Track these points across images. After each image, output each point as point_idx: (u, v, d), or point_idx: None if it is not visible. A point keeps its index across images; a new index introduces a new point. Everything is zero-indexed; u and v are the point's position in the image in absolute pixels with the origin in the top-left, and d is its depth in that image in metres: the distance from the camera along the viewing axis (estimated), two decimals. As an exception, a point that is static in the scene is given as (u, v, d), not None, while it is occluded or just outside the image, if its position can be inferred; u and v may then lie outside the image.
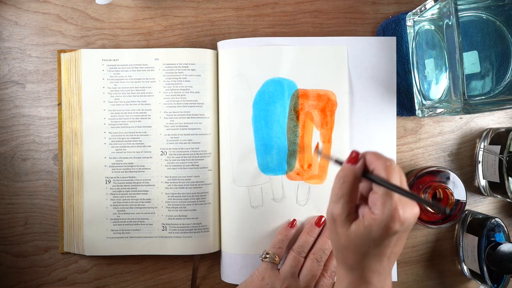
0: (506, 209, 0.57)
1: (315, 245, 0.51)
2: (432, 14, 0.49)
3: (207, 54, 0.54)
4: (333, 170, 0.54)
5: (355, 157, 0.38)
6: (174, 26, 0.56)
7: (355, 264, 0.38)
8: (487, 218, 0.53)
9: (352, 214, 0.37)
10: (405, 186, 0.37)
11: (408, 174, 0.55)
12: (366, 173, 0.38)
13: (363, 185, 0.39)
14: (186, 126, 0.54)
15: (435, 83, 0.51)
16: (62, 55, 0.55)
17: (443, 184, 0.51)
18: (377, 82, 0.54)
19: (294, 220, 0.53)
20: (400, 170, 0.37)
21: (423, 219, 0.52)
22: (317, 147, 0.54)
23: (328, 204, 0.39)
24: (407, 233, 0.37)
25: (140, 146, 0.55)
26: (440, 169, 0.53)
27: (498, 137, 0.54)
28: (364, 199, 0.39)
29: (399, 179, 0.36)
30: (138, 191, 0.55)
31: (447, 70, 0.46)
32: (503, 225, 0.53)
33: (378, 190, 0.36)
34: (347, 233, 0.37)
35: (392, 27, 0.55)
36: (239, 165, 0.54)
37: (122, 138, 0.55)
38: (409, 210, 0.35)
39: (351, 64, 0.54)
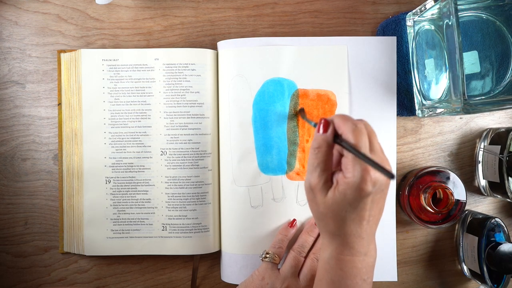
0: (506, 209, 0.57)
1: (315, 245, 0.51)
2: (432, 14, 0.49)
3: (207, 54, 0.54)
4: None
5: (324, 124, 0.39)
6: (174, 26, 0.56)
7: (336, 230, 0.38)
8: (487, 218, 0.53)
9: (328, 181, 0.38)
10: (376, 146, 0.38)
11: (408, 174, 0.55)
12: (336, 138, 0.38)
13: (336, 151, 0.40)
14: (186, 126, 0.54)
15: (435, 83, 0.51)
16: (62, 55, 0.55)
17: (443, 184, 0.51)
18: (377, 82, 0.54)
19: (294, 220, 0.53)
20: (371, 131, 0.38)
21: (423, 219, 0.52)
22: (300, 110, 0.53)
23: (306, 175, 0.40)
24: (382, 194, 0.38)
25: (140, 146, 0.54)
26: (440, 169, 0.53)
27: (498, 137, 0.54)
28: (338, 164, 0.39)
29: (366, 141, 0.37)
30: (138, 191, 0.55)
31: (447, 70, 0.46)
32: (503, 225, 0.53)
33: (348, 154, 0.37)
34: (324, 200, 0.38)
35: (392, 27, 0.55)
36: (239, 165, 0.54)
37: (122, 138, 0.55)
38: None
39: (351, 64, 0.54)
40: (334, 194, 0.37)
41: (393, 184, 0.55)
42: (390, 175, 0.31)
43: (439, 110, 0.49)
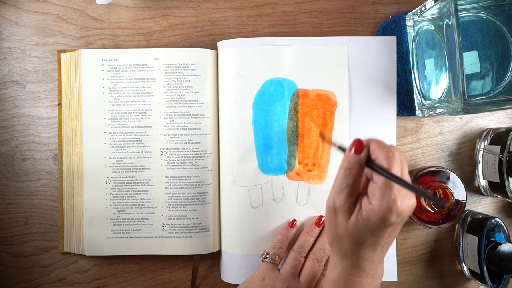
0: (506, 209, 0.57)
1: (315, 245, 0.51)
2: (432, 14, 0.49)
3: (207, 54, 0.54)
4: (333, 171, 0.54)
5: (358, 146, 0.38)
6: (174, 26, 0.56)
7: (350, 253, 0.38)
8: (487, 218, 0.53)
9: (353, 205, 0.38)
10: (406, 177, 0.37)
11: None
12: (368, 162, 0.37)
13: (364, 175, 0.39)
14: (186, 126, 0.54)
15: (435, 83, 0.51)
16: (62, 55, 0.55)
17: (443, 184, 0.51)
18: (377, 82, 0.54)
19: (294, 220, 0.53)
20: (403, 160, 0.37)
21: (423, 219, 0.52)
22: (320, 133, 0.53)
23: (330, 193, 0.39)
24: (402, 224, 0.38)
25: (140, 146, 0.54)
26: (440, 169, 0.53)
27: (498, 137, 0.54)
28: (363, 189, 0.39)
29: (400, 169, 0.36)
30: (138, 191, 0.55)
31: (447, 70, 0.46)
32: (503, 225, 0.53)
33: (377, 180, 0.36)
34: (346, 224, 0.37)
35: (392, 27, 0.55)
36: (239, 165, 0.54)
37: (122, 138, 0.55)
38: (406, 202, 0.35)
39: (351, 64, 0.54)
40: (357, 219, 0.36)
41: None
42: (442, 205, 0.31)
43: (439, 110, 0.49)
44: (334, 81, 0.54)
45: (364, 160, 0.37)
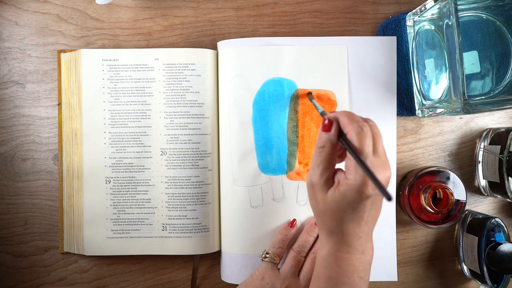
0: (506, 209, 0.57)
1: (315, 245, 0.51)
2: (432, 14, 0.49)
3: (207, 54, 0.54)
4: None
5: (328, 124, 0.39)
6: (174, 26, 0.56)
7: (334, 228, 0.39)
8: (487, 218, 0.53)
9: (329, 180, 0.39)
10: (380, 150, 0.37)
11: (408, 174, 0.55)
12: (340, 136, 0.38)
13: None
14: (186, 126, 0.54)
15: (435, 83, 0.51)
16: (62, 55, 0.55)
17: (443, 184, 0.51)
18: (377, 82, 0.54)
19: (294, 220, 0.53)
20: (376, 133, 0.38)
21: (423, 219, 0.52)
22: (309, 94, 0.53)
23: (309, 172, 0.40)
24: (381, 196, 0.38)
25: (140, 146, 0.54)
26: (440, 169, 0.53)
27: (498, 137, 0.54)
28: (342, 159, 0.40)
29: (371, 145, 0.37)
30: (138, 191, 0.55)
31: (447, 70, 0.46)
32: (503, 225, 0.53)
33: (351, 155, 0.37)
34: (324, 198, 0.38)
35: (392, 27, 0.55)
36: (239, 165, 0.54)
37: (122, 138, 0.55)
38: (381, 174, 0.36)
39: (351, 64, 0.54)
40: (334, 193, 0.37)
41: (393, 184, 0.55)
42: (387, 197, 0.31)
43: (439, 110, 0.49)
44: (334, 81, 0.54)
45: (335, 137, 0.38)
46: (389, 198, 0.31)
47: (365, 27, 0.56)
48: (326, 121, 0.39)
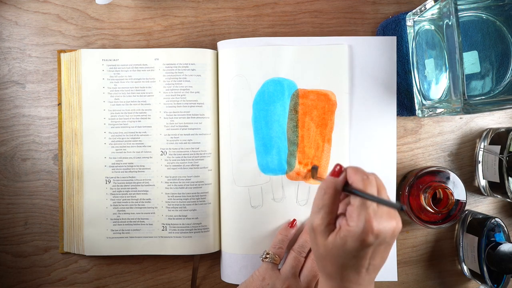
0: (506, 209, 0.57)
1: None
2: (432, 14, 0.49)
3: (207, 54, 0.54)
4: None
5: (338, 171, 0.40)
6: (174, 26, 0.56)
7: (334, 274, 0.38)
8: (487, 218, 0.53)
9: (331, 225, 0.38)
10: (384, 197, 0.38)
11: (408, 174, 0.55)
12: (345, 187, 0.39)
13: (344, 201, 0.40)
14: (186, 126, 0.54)
15: (435, 83, 0.51)
16: (62, 55, 0.55)
17: (443, 184, 0.51)
18: (377, 82, 0.54)
19: (294, 220, 0.53)
20: (380, 184, 0.38)
21: (423, 219, 0.52)
22: (312, 166, 0.54)
23: (310, 214, 0.40)
24: (386, 246, 0.37)
25: (140, 146, 0.54)
26: (440, 169, 0.53)
27: (498, 137, 0.54)
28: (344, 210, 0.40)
29: (375, 190, 0.37)
30: (138, 191, 0.55)
31: (447, 70, 0.46)
32: (503, 225, 0.53)
33: (354, 202, 0.37)
34: (325, 243, 0.38)
35: (392, 27, 0.55)
36: (239, 165, 0.54)
37: (122, 138, 0.55)
38: (384, 223, 0.36)
39: (351, 64, 0.54)
40: (335, 239, 0.37)
41: (393, 184, 0.55)
42: (399, 206, 0.33)
43: (439, 110, 0.49)
44: (334, 81, 0.54)
45: (341, 183, 0.39)
46: (400, 207, 0.33)
47: (365, 27, 0.56)
48: (338, 168, 0.39)
